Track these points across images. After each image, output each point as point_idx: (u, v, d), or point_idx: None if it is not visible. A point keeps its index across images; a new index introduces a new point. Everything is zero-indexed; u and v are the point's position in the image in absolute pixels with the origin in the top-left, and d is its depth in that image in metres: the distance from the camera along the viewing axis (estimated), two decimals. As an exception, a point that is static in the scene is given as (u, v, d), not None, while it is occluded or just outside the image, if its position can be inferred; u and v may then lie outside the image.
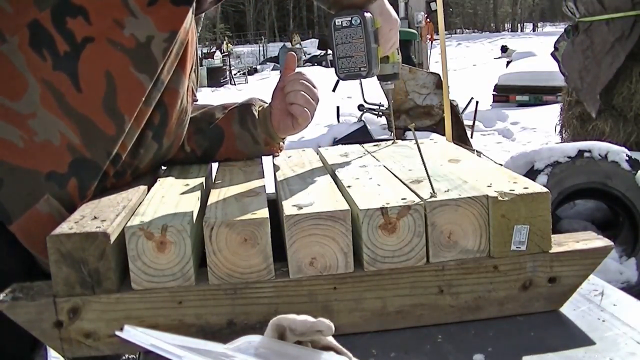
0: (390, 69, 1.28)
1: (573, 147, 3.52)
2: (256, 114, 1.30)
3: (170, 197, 1.02)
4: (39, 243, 1.02)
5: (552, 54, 5.77)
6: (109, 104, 1.05)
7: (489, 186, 0.95)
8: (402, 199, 0.91)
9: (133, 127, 1.08)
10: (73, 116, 1.03)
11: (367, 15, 1.16)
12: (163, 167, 1.29)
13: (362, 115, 6.44)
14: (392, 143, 1.37)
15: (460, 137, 5.48)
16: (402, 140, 1.44)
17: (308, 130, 8.45)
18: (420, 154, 0.96)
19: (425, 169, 0.95)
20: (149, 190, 1.09)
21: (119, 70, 1.04)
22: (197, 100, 1.31)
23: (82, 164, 1.05)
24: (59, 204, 1.03)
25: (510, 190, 0.92)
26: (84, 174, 1.05)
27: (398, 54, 1.30)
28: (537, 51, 14.22)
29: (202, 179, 1.13)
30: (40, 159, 1.03)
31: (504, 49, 17.90)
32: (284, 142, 1.34)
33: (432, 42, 11.94)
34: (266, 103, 1.32)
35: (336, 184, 1.04)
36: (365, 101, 6.01)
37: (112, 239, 0.88)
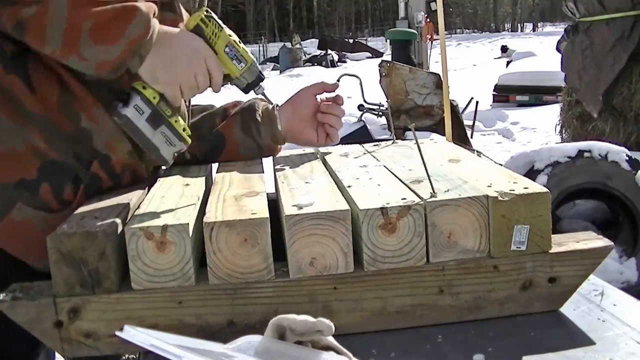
0: (253, 71, 1.10)
1: (573, 147, 3.52)
2: (259, 118, 1.29)
3: (170, 197, 1.02)
4: (23, 249, 1.03)
5: (557, 48, 5.78)
6: (64, 103, 1.03)
7: (489, 186, 0.95)
8: (402, 199, 0.91)
9: (110, 125, 1.05)
10: (33, 119, 1.01)
11: (128, 109, 1.01)
12: (163, 167, 1.29)
13: (362, 115, 6.43)
14: (392, 143, 1.37)
15: (460, 137, 5.48)
16: (402, 140, 1.44)
17: (308, 130, 8.44)
18: (421, 153, 0.96)
19: (426, 168, 0.95)
20: (149, 191, 1.09)
21: (69, 67, 1.01)
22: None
23: (52, 168, 1.03)
24: (33, 210, 1.02)
25: (510, 190, 0.92)
26: (55, 177, 1.03)
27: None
28: (537, 51, 14.22)
29: (202, 179, 1.13)
30: (7, 167, 1.01)
31: (504, 49, 17.89)
32: (284, 143, 1.34)
33: (432, 42, 11.94)
34: (269, 103, 1.32)
35: (336, 184, 1.04)
36: (365, 101, 6.00)
37: (113, 238, 0.88)
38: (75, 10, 0.94)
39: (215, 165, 1.29)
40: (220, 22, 1.05)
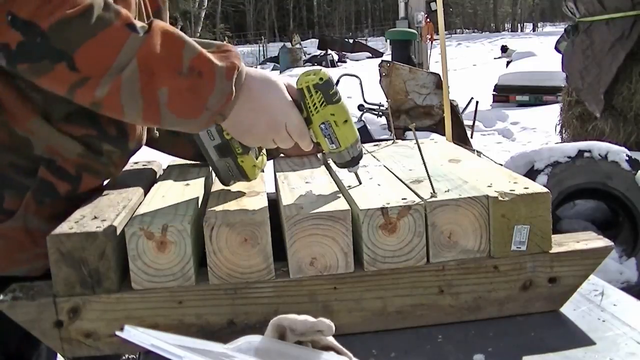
0: (344, 156, 1.01)
1: (573, 147, 3.51)
2: None
3: (171, 197, 1.02)
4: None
5: (556, 48, 5.78)
6: None
7: (489, 186, 0.95)
8: (402, 199, 0.91)
9: (48, 131, 1.00)
10: None
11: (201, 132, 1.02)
12: (163, 168, 1.29)
13: (362, 115, 6.43)
14: (392, 143, 1.37)
15: (460, 137, 5.48)
16: (402, 140, 1.44)
17: (308, 130, 8.44)
18: (421, 153, 0.96)
19: (426, 168, 0.95)
20: (149, 191, 1.08)
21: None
22: None
23: None
24: None
25: (511, 190, 0.92)
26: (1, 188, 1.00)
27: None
28: (537, 51, 14.21)
29: (202, 179, 1.13)
30: None
31: (504, 49, 17.89)
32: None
33: (432, 42, 11.94)
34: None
35: (336, 184, 1.04)
36: (365, 101, 6.00)
37: (113, 238, 0.88)
38: (150, 80, 0.86)
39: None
40: (335, 94, 0.96)
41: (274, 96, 0.96)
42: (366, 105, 6.10)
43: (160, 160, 1.32)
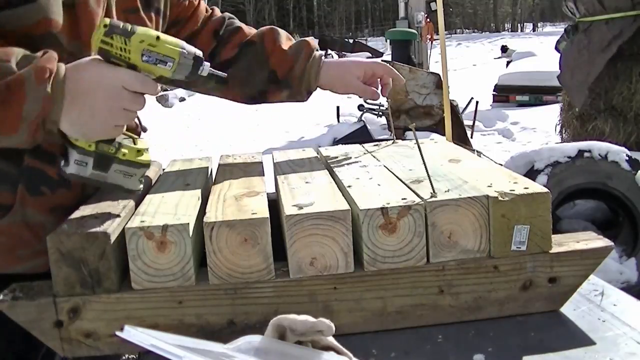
0: (186, 64, 0.94)
1: (573, 147, 3.51)
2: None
3: (170, 197, 1.02)
4: None
5: (556, 48, 5.78)
6: None
7: (489, 186, 0.95)
8: (402, 199, 0.91)
9: None
10: None
11: (70, 166, 0.95)
12: (163, 168, 1.29)
13: (362, 115, 6.44)
14: (392, 143, 1.37)
15: (460, 137, 5.48)
16: (402, 140, 1.44)
17: (308, 130, 8.46)
18: (421, 153, 0.96)
19: (426, 168, 0.95)
20: (149, 191, 1.08)
21: None
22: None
23: None
24: None
25: (511, 190, 0.92)
26: None
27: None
28: (537, 51, 14.21)
29: (203, 179, 1.13)
30: None
31: (504, 49, 17.89)
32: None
33: (432, 42, 11.94)
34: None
35: (336, 183, 1.04)
36: (365, 101, 6.01)
37: (113, 238, 0.88)
38: None
39: (215, 165, 1.29)
40: (127, 27, 0.91)
41: (96, 71, 0.91)
42: (366, 105, 6.10)
43: (161, 160, 1.32)
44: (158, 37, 0.91)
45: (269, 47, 1.31)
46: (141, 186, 0.99)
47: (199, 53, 0.95)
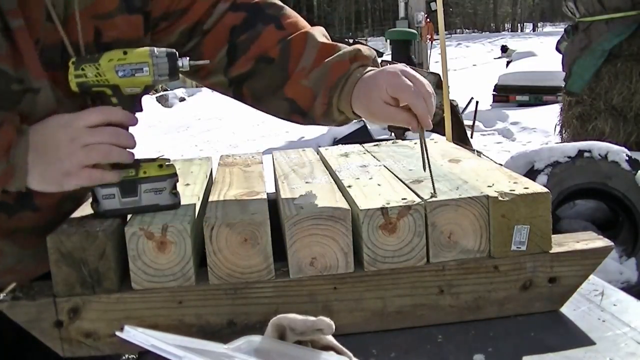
0: (161, 64, 0.94)
1: (573, 147, 3.51)
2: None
3: (171, 197, 1.01)
4: None
5: (557, 48, 5.78)
6: None
7: (489, 186, 0.95)
8: (402, 199, 0.91)
9: None
10: None
11: (101, 203, 0.95)
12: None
13: (362, 115, 6.43)
14: (392, 143, 1.37)
15: (460, 137, 5.48)
16: (402, 140, 1.44)
17: (308, 130, 8.46)
18: (426, 152, 0.96)
19: (430, 169, 0.95)
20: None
21: None
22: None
23: None
24: None
25: (511, 190, 0.92)
26: None
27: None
28: (537, 51, 14.20)
29: (202, 179, 1.13)
30: None
31: (504, 49, 17.88)
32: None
33: (432, 42, 11.95)
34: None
35: (336, 184, 1.04)
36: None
37: (112, 238, 0.88)
38: None
39: (215, 165, 1.29)
40: (94, 55, 0.92)
41: (57, 118, 0.91)
42: (366, 105, 6.07)
43: (160, 160, 1.32)
44: (125, 52, 0.92)
45: (291, 68, 1.06)
46: (177, 199, 0.96)
47: (171, 50, 0.94)
